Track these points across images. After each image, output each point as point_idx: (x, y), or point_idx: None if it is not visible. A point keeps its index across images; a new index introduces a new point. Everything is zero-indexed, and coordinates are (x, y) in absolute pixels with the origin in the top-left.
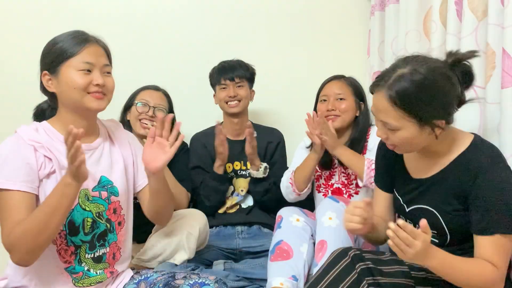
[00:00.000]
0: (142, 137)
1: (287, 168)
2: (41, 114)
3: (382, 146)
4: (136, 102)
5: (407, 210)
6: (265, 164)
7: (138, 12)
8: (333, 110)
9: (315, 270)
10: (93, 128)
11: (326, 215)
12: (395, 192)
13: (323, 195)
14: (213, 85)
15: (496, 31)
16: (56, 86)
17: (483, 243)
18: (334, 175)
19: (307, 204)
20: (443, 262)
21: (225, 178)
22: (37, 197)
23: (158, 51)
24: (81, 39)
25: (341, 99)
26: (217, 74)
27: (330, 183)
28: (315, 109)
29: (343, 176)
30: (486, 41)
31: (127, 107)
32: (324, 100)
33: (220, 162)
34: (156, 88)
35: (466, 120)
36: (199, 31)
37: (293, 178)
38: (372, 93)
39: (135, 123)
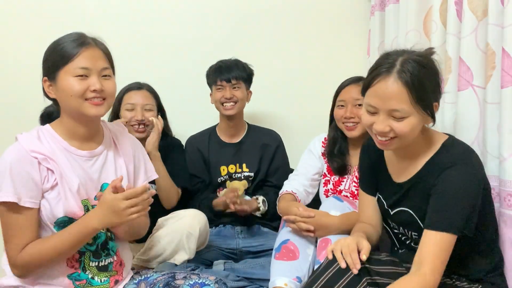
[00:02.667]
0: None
1: (291, 170)
2: (48, 117)
3: (366, 149)
4: (122, 107)
5: (391, 213)
6: (261, 198)
7: (134, 11)
8: (351, 117)
9: None
10: (96, 134)
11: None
12: (379, 195)
13: None
14: (209, 84)
15: (496, 31)
16: (55, 93)
17: (427, 238)
18: (344, 181)
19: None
20: None
21: (221, 213)
22: (38, 209)
23: (154, 51)
24: (78, 43)
25: (360, 105)
26: (213, 74)
27: (338, 189)
28: (331, 114)
29: (354, 186)
30: (486, 41)
31: (116, 114)
32: (342, 106)
33: (221, 206)
34: (138, 87)
35: (465, 120)
36: (196, 31)
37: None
38: (368, 86)
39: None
